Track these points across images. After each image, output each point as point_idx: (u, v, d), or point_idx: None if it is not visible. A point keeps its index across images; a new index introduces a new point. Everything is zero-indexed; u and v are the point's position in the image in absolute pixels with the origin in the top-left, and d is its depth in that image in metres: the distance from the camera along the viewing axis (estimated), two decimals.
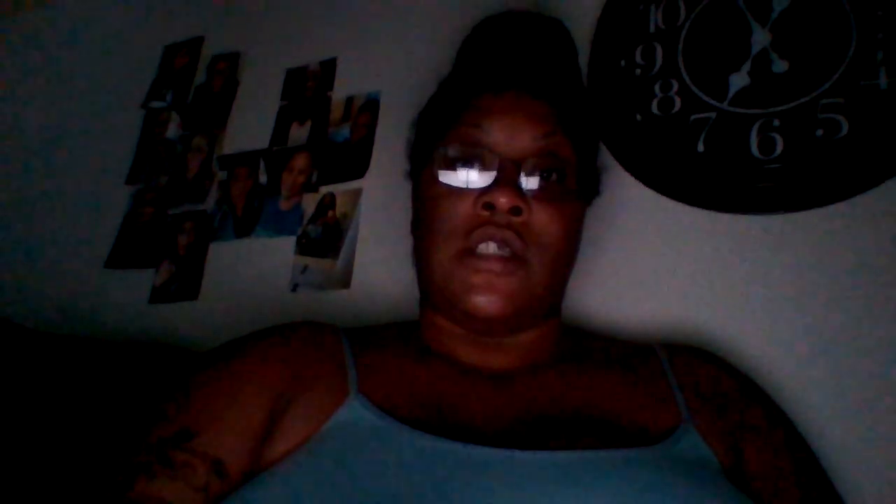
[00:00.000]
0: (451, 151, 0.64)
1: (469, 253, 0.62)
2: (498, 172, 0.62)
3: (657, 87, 0.85)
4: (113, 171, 1.15)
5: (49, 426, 0.75)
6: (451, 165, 0.64)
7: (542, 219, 0.62)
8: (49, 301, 1.08)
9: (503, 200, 0.60)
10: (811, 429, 0.66)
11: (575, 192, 0.66)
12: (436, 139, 0.68)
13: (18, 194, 1.21)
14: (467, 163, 0.64)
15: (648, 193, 0.82)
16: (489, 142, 0.64)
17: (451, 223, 0.63)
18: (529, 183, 0.63)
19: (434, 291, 0.66)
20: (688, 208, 0.80)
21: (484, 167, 0.63)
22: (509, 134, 0.64)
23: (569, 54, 0.77)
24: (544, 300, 0.65)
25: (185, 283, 1.02)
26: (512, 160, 0.63)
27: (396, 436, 0.52)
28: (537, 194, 0.63)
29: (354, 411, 0.55)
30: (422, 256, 0.67)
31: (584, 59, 0.89)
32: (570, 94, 0.69)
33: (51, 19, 1.36)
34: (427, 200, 0.66)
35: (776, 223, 0.75)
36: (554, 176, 0.64)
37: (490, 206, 0.61)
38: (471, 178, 0.63)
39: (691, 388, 0.61)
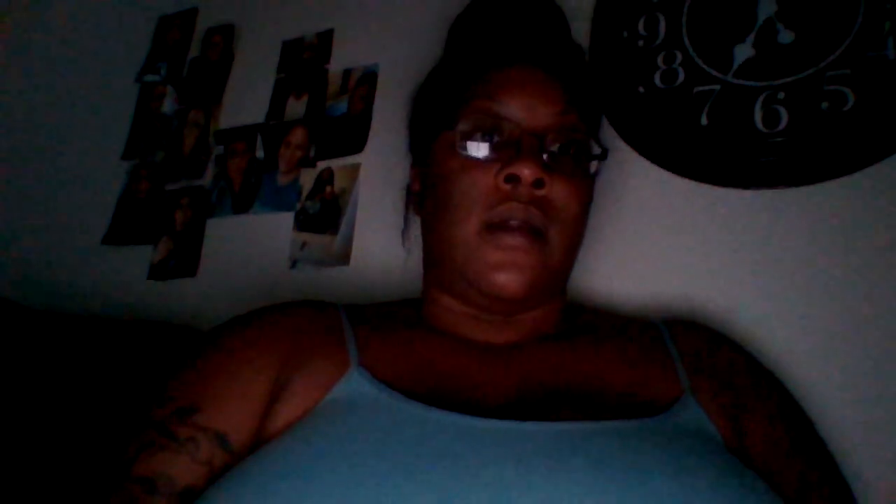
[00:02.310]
0: (470, 123, 0.63)
1: (491, 228, 0.60)
2: (520, 144, 0.61)
3: (660, 59, 0.84)
4: (109, 146, 1.14)
5: (51, 406, 0.75)
6: (470, 138, 0.63)
7: (562, 194, 0.62)
8: (47, 279, 1.07)
9: (527, 172, 0.59)
10: (811, 405, 0.66)
11: (588, 167, 0.66)
12: (447, 112, 0.66)
13: (14, 171, 1.19)
14: (486, 135, 0.63)
15: (651, 168, 0.81)
16: (508, 115, 0.63)
17: (471, 197, 0.61)
18: (550, 157, 0.62)
19: (450, 269, 0.64)
20: (691, 183, 0.78)
21: (504, 139, 0.62)
22: (528, 108, 0.63)
23: (566, 29, 0.76)
24: (560, 277, 0.65)
25: (183, 259, 1.01)
26: (533, 133, 0.62)
27: (397, 408, 0.52)
28: (557, 169, 0.62)
29: (354, 384, 0.55)
30: (436, 233, 0.65)
31: (585, 29, 0.87)
32: (580, 72, 0.69)
33: None
34: (442, 174, 0.64)
35: (780, 198, 0.74)
36: (572, 150, 0.64)
37: (513, 179, 0.60)
38: (491, 150, 0.62)
39: (692, 362, 0.61)
